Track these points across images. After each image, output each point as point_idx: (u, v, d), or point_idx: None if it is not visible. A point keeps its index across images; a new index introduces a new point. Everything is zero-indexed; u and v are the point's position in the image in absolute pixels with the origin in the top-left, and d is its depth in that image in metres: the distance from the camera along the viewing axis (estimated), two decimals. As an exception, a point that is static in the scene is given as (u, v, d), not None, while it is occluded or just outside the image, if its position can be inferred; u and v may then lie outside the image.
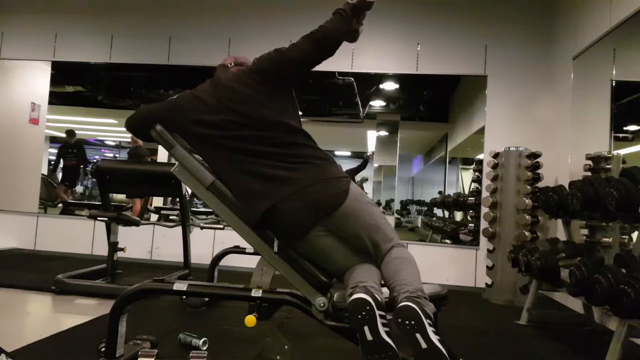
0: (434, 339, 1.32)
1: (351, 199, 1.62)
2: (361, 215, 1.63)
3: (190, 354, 1.73)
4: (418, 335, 1.32)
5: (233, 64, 1.91)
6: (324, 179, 1.62)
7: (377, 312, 1.38)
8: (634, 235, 2.82)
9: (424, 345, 1.31)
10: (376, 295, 1.43)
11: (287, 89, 1.76)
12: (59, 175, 6.61)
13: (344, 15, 1.71)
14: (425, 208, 6.92)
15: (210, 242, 4.94)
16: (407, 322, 1.33)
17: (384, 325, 1.38)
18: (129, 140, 6.64)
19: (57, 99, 5.91)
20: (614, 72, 3.54)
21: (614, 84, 3.53)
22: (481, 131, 4.86)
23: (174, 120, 1.79)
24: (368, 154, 5.64)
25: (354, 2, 1.72)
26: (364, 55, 5.04)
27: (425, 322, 1.33)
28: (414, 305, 1.34)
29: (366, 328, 1.37)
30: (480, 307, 3.86)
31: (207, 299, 3.06)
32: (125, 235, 3.78)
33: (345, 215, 1.61)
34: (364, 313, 1.37)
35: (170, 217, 5.44)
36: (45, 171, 6.22)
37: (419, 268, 1.61)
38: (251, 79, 1.72)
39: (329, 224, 1.62)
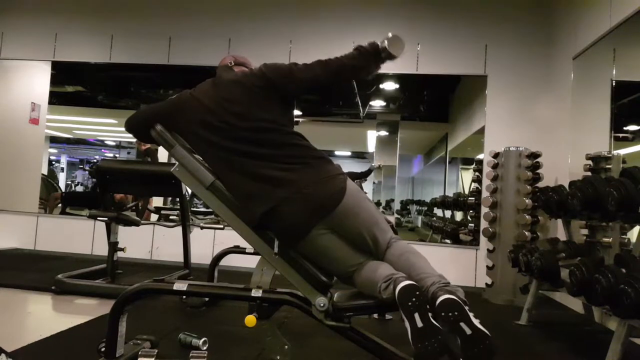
0: (476, 322, 1.38)
1: (349, 196, 1.63)
2: (360, 211, 1.65)
3: (190, 354, 1.73)
4: (462, 324, 1.36)
5: (233, 63, 1.93)
6: (321, 178, 1.63)
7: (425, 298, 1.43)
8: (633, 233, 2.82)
9: (468, 331, 1.36)
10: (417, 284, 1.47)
11: (284, 100, 1.76)
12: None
13: (365, 57, 1.67)
14: (425, 208, 6.92)
15: (210, 242, 4.94)
16: (450, 313, 1.37)
17: (429, 310, 1.41)
18: (129, 140, 6.63)
19: (57, 99, 5.91)
20: (614, 72, 3.54)
21: (614, 84, 3.53)
22: (481, 131, 4.86)
23: (174, 120, 1.79)
24: (375, 165, 5.61)
25: (379, 49, 1.65)
26: (364, 55, 5.03)
27: (466, 309, 1.38)
28: (454, 297, 1.39)
29: (417, 315, 1.39)
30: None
31: (207, 299, 3.06)
32: (125, 235, 3.77)
33: (345, 213, 1.62)
34: (414, 299, 1.40)
35: (170, 217, 5.44)
36: (45, 171, 6.22)
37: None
38: (253, 83, 1.73)
39: (329, 222, 1.63)
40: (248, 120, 1.68)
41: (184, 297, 3.03)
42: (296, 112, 1.86)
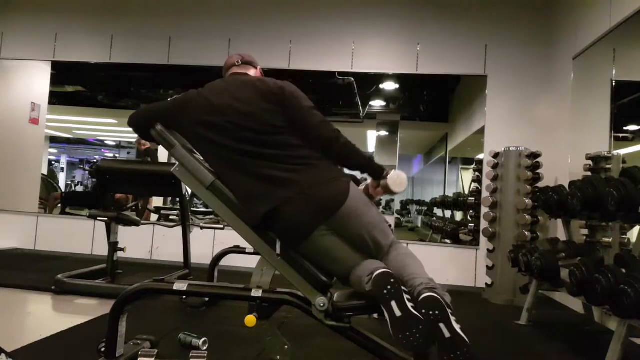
0: (457, 327, 1.34)
1: (352, 198, 1.63)
2: (362, 214, 1.65)
3: (190, 354, 1.73)
4: (442, 325, 1.34)
5: (240, 62, 1.93)
6: (324, 180, 1.64)
7: (402, 287, 1.40)
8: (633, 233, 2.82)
9: (447, 334, 1.33)
10: (396, 274, 1.44)
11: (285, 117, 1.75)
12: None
13: (367, 164, 1.76)
14: (425, 208, 6.92)
15: (210, 242, 4.94)
16: (431, 312, 1.34)
17: (409, 300, 1.38)
18: (129, 140, 6.63)
19: (57, 99, 5.91)
20: (614, 72, 3.54)
21: (614, 84, 3.53)
22: (481, 131, 4.86)
23: (177, 119, 1.79)
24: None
25: (382, 172, 1.75)
26: (364, 55, 5.04)
27: (448, 311, 1.35)
28: (437, 296, 1.36)
29: (394, 303, 1.37)
30: (480, 307, 3.85)
31: (207, 299, 3.06)
32: (125, 235, 3.77)
33: (347, 215, 1.62)
34: (389, 287, 1.38)
35: (170, 217, 5.44)
36: (45, 171, 6.22)
37: (419, 267, 1.63)
38: (269, 89, 1.73)
39: (331, 223, 1.63)
40: (254, 121, 1.68)
41: (184, 297, 3.03)
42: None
